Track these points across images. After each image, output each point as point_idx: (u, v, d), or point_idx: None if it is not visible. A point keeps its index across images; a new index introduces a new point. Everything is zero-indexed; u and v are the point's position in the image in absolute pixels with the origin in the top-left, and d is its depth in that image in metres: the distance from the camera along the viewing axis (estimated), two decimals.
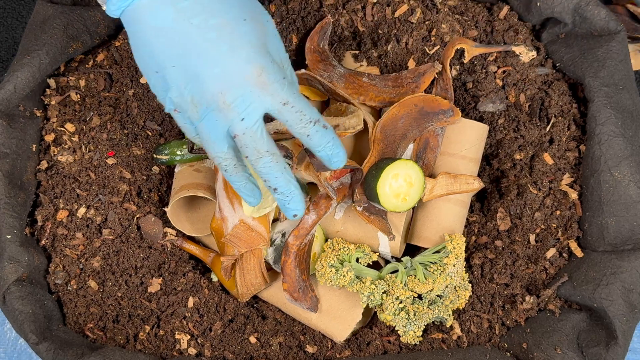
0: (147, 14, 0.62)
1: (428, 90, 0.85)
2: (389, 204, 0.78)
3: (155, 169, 0.88)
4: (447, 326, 0.80)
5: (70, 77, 0.86)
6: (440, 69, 0.83)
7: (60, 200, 0.81)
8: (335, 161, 0.68)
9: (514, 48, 0.83)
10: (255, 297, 0.86)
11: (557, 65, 0.84)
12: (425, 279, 0.78)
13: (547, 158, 0.81)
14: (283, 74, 0.63)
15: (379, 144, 0.81)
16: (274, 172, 0.65)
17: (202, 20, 0.61)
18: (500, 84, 0.84)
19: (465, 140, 0.83)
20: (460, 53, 0.85)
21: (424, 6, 0.86)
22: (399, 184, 0.78)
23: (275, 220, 0.84)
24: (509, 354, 0.76)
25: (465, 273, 0.80)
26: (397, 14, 0.86)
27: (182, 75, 0.62)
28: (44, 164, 0.83)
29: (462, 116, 0.86)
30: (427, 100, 0.81)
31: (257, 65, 0.61)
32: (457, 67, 0.86)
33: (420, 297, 0.81)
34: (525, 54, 0.83)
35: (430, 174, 0.83)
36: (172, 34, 0.61)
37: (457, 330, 0.79)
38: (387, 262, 0.84)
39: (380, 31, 0.88)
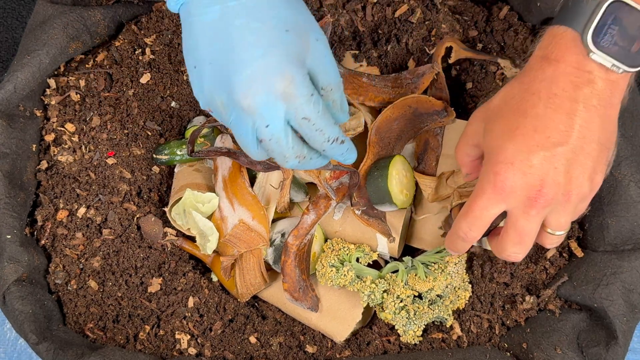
0: (197, 9, 0.63)
1: (426, 91, 0.85)
2: (399, 201, 0.78)
3: (155, 169, 0.88)
4: (447, 326, 0.80)
5: (70, 77, 0.86)
6: (439, 70, 0.83)
7: (60, 200, 0.81)
8: (344, 160, 0.67)
9: (500, 60, 0.82)
10: (255, 297, 0.86)
11: None
12: (426, 277, 0.78)
13: None
14: (312, 90, 0.61)
15: (375, 146, 0.81)
16: (304, 166, 0.65)
17: (244, 22, 0.61)
18: (500, 84, 0.84)
19: None
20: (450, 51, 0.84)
21: (424, 6, 0.86)
22: (400, 180, 0.79)
23: (275, 220, 0.84)
24: (509, 354, 0.76)
25: (466, 274, 0.80)
26: (397, 14, 0.86)
27: (216, 74, 0.62)
28: (44, 164, 0.83)
29: (462, 117, 0.86)
30: (420, 102, 0.81)
31: (286, 75, 0.60)
32: (457, 66, 0.86)
33: (420, 296, 0.81)
34: (509, 69, 0.82)
35: (433, 174, 0.83)
36: (214, 31, 0.62)
37: (457, 330, 0.79)
38: (386, 262, 0.84)
39: (380, 31, 0.88)
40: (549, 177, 0.62)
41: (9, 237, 0.76)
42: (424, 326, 0.80)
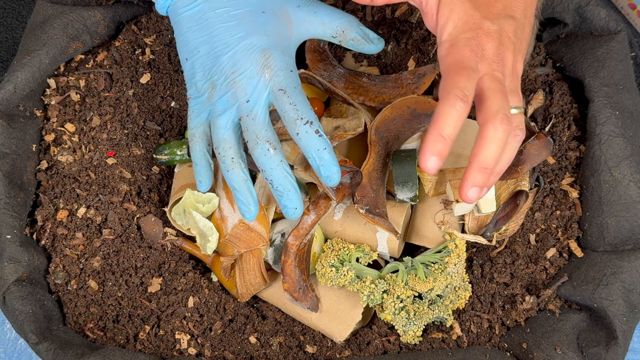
0: (183, 7, 0.71)
1: (429, 91, 0.85)
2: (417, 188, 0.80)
3: (155, 169, 0.88)
4: (447, 326, 0.80)
5: (70, 77, 0.86)
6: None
7: (60, 200, 0.81)
8: (326, 175, 0.68)
9: None
10: (255, 297, 0.86)
11: (557, 65, 0.84)
12: (426, 277, 0.78)
13: (549, 157, 0.81)
14: (292, 67, 0.70)
15: (376, 145, 0.81)
16: (270, 163, 0.68)
17: (225, 10, 0.70)
18: None
19: (464, 139, 0.83)
20: None
21: None
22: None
23: (275, 221, 0.84)
24: (509, 354, 0.76)
25: (466, 274, 0.80)
26: (397, 14, 0.86)
27: (205, 58, 0.71)
28: (44, 164, 0.83)
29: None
30: (419, 102, 0.81)
31: (266, 51, 0.68)
32: None
33: (420, 296, 0.81)
34: None
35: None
36: (199, 21, 0.71)
37: (457, 330, 0.79)
38: (386, 262, 0.84)
39: (380, 31, 0.88)
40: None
41: (9, 237, 0.76)
42: (424, 326, 0.80)
